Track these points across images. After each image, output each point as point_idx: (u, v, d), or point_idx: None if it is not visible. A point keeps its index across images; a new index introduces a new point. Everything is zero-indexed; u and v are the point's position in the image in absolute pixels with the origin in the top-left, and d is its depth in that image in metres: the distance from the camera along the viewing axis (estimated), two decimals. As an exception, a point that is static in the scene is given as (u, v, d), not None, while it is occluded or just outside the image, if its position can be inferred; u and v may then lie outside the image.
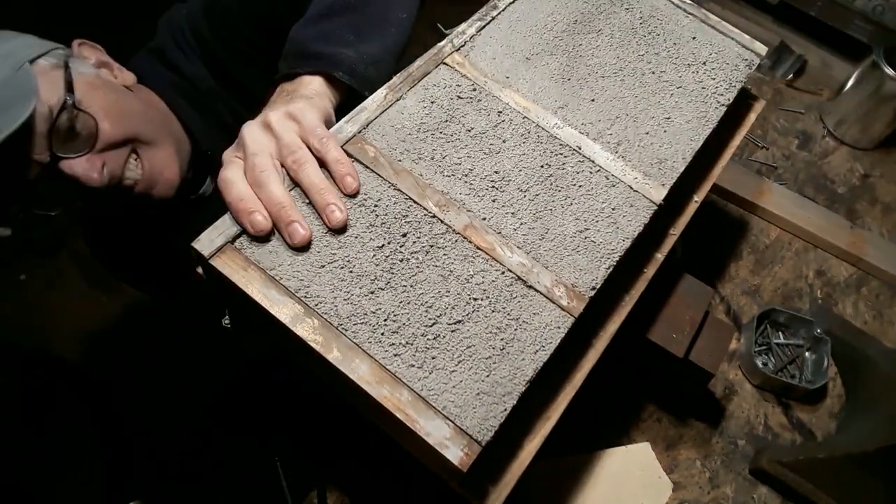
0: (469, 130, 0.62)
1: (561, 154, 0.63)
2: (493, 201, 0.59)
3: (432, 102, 0.63)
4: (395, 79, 0.64)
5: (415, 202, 0.57)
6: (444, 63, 0.66)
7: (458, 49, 0.67)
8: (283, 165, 0.56)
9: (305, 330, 0.49)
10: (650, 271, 0.66)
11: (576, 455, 0.77)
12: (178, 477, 0.87)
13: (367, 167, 0.58)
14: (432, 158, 0.60)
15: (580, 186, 0.61)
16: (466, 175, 0.59)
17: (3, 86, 0.65)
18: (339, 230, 0.54)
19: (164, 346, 1.42)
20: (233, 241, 0.52)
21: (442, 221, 0.56)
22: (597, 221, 0.60)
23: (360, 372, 0.49)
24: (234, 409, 0.84)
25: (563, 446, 0.75)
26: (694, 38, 0.75)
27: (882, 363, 0.84)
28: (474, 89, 0.65)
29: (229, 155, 0.57)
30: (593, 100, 0.68)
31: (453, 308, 0.52)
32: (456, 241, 0.56)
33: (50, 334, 1.52)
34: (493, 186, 0.59)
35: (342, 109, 0.62)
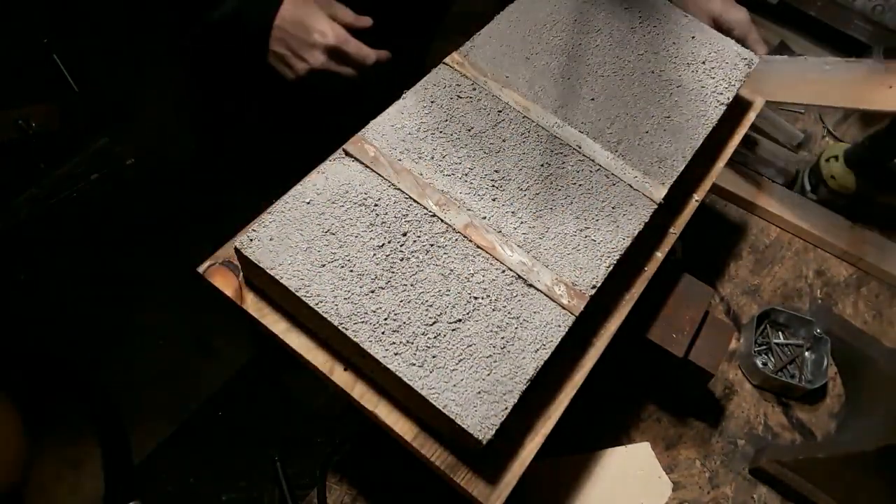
0: (469, 130, 0.62)
1: (561, 153, 0.63)
2: (494, 200, 0.59)
3: (432, 102, 0.63)
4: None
5: (415, 201, 0.57)
6: (444, 63, 0.66)
7: (458, 49, 0.68)
8: None
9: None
10: (650, 270, 0.66)
11: (576, 455, 0.77)
12: (178, 476, 0.87)
13: (366, 166, 0.58)
14: (432, 158, 0.60)
15: (580, 185, 0.61)
16: (466, 174, 0.59)
17: None
18: None
19: (164, 344, 1.42)
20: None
21: (442, 220, 0.56)
22: (597, 220, 0.60)
23: (360, 371, 0.49)
24: (235, 406, 0.84)
25: (563, 446, 0.75)
26: (693, 37, 0.75)
27: (882, 363, 0.83)
28: (474, 89, 0.65)
29: None
30: (593, 99, 0.68)
31: (454, 307, 0.52)
32: (456, 240, 0.56)
33: (50, 335, 1.52)
34: (494, 185, 0.59)
35: None
